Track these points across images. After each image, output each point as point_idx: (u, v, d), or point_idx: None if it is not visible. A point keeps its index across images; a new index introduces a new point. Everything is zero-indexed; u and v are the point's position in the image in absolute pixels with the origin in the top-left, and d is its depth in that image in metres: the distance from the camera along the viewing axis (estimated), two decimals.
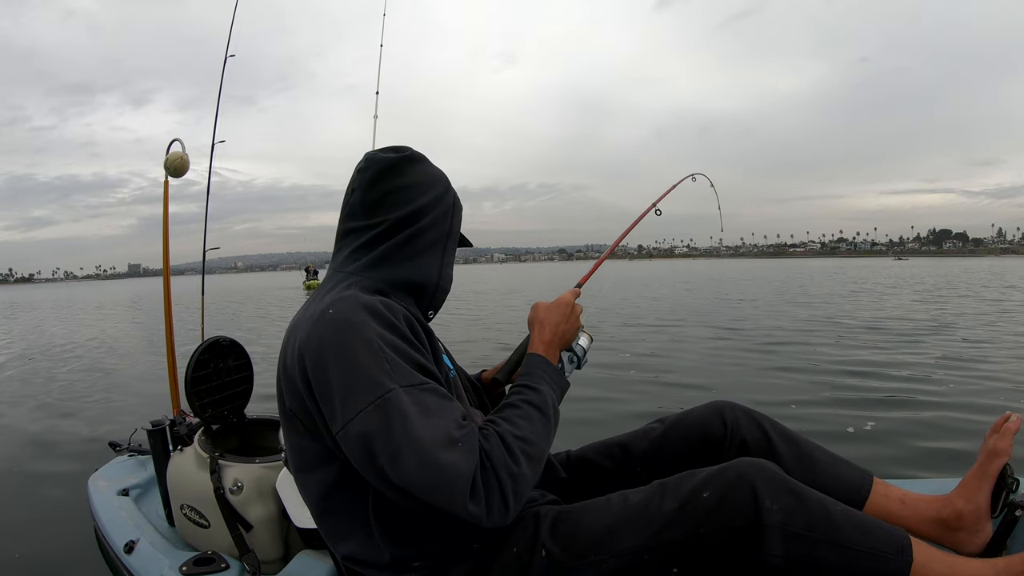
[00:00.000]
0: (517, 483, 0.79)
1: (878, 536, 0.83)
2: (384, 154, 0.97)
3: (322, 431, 0.84)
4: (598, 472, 1.17)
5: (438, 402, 0.80)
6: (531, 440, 0.84)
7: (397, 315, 0.86)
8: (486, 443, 0.80)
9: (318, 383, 0.81)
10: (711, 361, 5.39)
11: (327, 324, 0.83)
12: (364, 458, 0.77)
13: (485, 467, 0.77)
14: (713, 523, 0.83)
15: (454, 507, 0.74)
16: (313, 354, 0.82)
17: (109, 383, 5.46)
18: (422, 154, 1.00)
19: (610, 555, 0.85)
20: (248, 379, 1.83)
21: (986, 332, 6.75)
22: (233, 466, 1.49)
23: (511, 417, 0.86)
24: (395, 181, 0.95)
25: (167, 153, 1.95)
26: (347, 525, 0.89)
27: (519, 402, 0.90)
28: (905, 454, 2.77)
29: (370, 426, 0.75)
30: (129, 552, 1.50)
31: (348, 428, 0.77)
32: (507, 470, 0.78)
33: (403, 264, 0.94)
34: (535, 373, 0.96)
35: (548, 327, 1.03)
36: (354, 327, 0.81)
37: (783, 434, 1.11)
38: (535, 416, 0.88)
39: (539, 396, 0.91)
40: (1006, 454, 1.04)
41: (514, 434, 0.83)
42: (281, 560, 1.43)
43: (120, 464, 2.10)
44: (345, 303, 0.85)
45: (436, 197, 0.97)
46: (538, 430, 0.87)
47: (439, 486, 0.73)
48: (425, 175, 0.98)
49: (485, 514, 0.75)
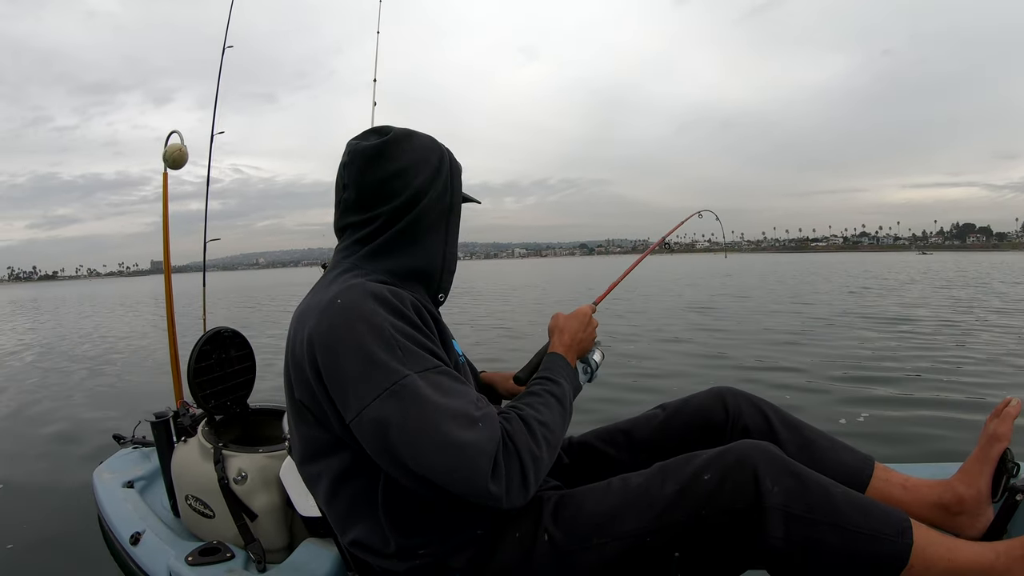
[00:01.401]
0: (538, 465, 0.80)
1: (879, 518, 0.83)
2: (367, 141, 0.94)
3: (332, 420, 0.84)
4: (600, 458, 1.17)
5: (453, 384, 0.80)
6: (551, 427, 0.86)
7: (405, 302, 0.86)
8: (508, 425, 0.80)
9: (329, 372, 0.81)
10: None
11: (336, 313, 0.82)
12: (379, 445, 0.77)
13: (508, 447, 0.77)
14: (714, 505, 0.83)
15: (475, 486, 0.73)
16: (323, 343, 0.81)
17: (120, 376, 5.48)
18: (407, 130, 0.96)
19: (612, 538, 0.86)
20: (251, 369, 1.84)
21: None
22: (237, 456, 1.50)
23: (534, 404, 0.88)
24: (386, 167, 0.92)
25: (165, 145, 1.95)
26: (356, 513, 0.90)
27: (541, 391, 0.92)
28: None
29: (386, 413, 0.75)
30: (135, 543, 1.52)
31: (363, 416, 0.77)
32: (529, 452, 0.79)
33: (406, 252, 0.94)
34: (555, 368, 0.98)
35: (567, 333, 1.05)
36: (363, 315, 0.81)
37: (785, 420, 1.12)
38: (555, 406, 0.90)
39: (559, 388, 0.94)
40: (1006, 439, 1.04)
41: (537, 419, 0.84)
42: (286, 549, 1.45)
43: (125, 456, 2.11)
44: (353, 291, 0.84)
45: (431, 174, 0.94)
46: (557, 419, 0.89)
47: (459, 466, 0.73)
48: (414, 152, 0.94)
49: (505, 494, 0.75)
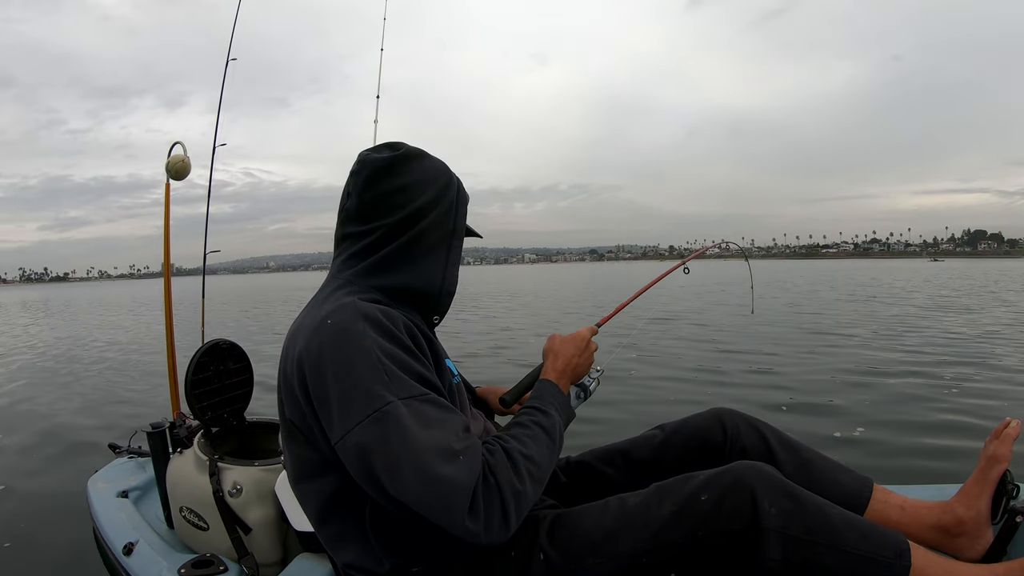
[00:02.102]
0: (519, 501, 0.77)
1: (876, 540, 0.83)
2: (378, 153, 0.94)
3: (320, 441, 0.83)
4: (598, 478, 1.16)
5: (438, 413, 0.79)
6: (537, 461, 0.83)
7: (397, 324, 0.84)
8: (491, 458, 0.78)
9: (316, 393, 0.80)
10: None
11: (325, 333, 0.81)
12: (361, 470, 0.76)
13: (488, 482, 0.75)
14: (711, 526, 0.83)
15: (452, 522, 0.72)
16: (312, 364, 0.81)
17: (118, 384, 5.46)
18: (420, 149, 0.96)
19: (608, 558, 0.85)
20: (248, 382, 1.83)
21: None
22: (232, 469, 1.49)
23: (519, 436, 0.85)
24: (392, 182, 0.92)
25: (168, 156, 1.96)
26: (346, 534, 0.89)
27: (529, 423, 0.89)
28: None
29: (368, 438, 0.74)
30: (128, 554, 1.50)
31: (346, 440, 0.76)
32: (511, 487, 0.76)
33: (403, 270, 0.92)
34: (546, 398, 0.95)
35: (562, 359, 1.02)
36: (353, 337, 0.80)
37: (783, 441, 1.11)
38: (543, 438, 0.87)
39: (549, 420, 0.90)
40: (1006, 460, 1.03)
41: (521, 452, 0.81)
42: (280, 563, 1.43)
43: (120, 466, 2.10)
44: (344, 312, 0.83)
45: (436, 195, 0.94)
46: (544, 452, 0.86)
47: (435, 500, 0.72)
48: (423, 172, 0.94)
49: (483, 531, 0.73)
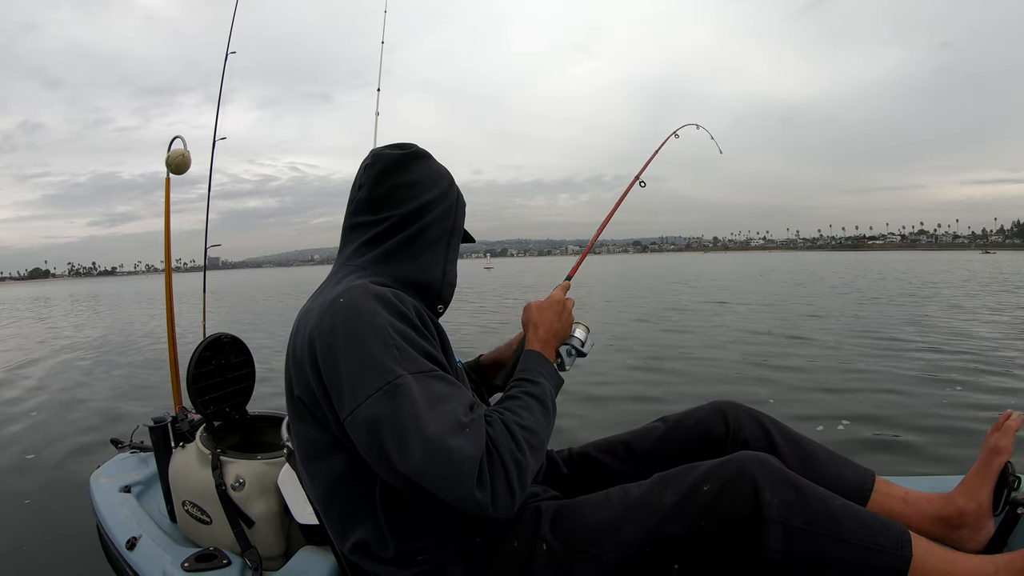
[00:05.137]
0: (522, 471, 0.79)
1: (878, 531, 0.83)
2: (390, 151, 1.00)
3: (329, 419, 0.84)
4: (600, 469, 1.17)
5: (447, 388, 0.80)
6: (533, 429, 0.84)
7: (407, 304, 0.87)
8: (491, 430, 0.79)
9: (327, 369, 0.82)
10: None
11: (338, 311, 0.83)
12: (371, 444, 0.77)
13: (491, 454, 0.76)
14: (713, 517, 0.83)
15: (461, 493, 0.73)
16: (323, 340, 0.83)
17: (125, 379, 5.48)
18: (427, 151, 1.02)
19: (610, 549, 0.86)
20: (250, 376, 1.84)
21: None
22: (235, 462, 1.49)
23: (513, 407, 0.86)
24: (401, 177, 0.97)
25: (168, 151, 1.96)
26: (354, 517, 0.90)
27: (520, 394, 0.90)
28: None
29: (378, 411, 0.76)
30: (131, 548, 1.51)
31: (356, 414, 0.77)
32: (512, 457, 0.78)
33: (408, 261, 0.96)
34: (533, 368, 0.96)
35: (542, 327, 1.04)
36: (364, 314, 0.82)
37: (785, 434, 1.11)
38: (536, 407, 0.88)
39: (539, 388, 0.92)
40: (1007, 452, 1.04)
41: (518, 423, 0.83)
42: (283, 556, 1.44)
43: (122, 461, 2.10)
44: (356, 291, 0.86)
45: (440, 193, 1.00)
46: (539, 420, 0.87)
47: (446, 472, 0.73)
48: (430, 171, 1.00)
49: (490, 501, 0.74)
